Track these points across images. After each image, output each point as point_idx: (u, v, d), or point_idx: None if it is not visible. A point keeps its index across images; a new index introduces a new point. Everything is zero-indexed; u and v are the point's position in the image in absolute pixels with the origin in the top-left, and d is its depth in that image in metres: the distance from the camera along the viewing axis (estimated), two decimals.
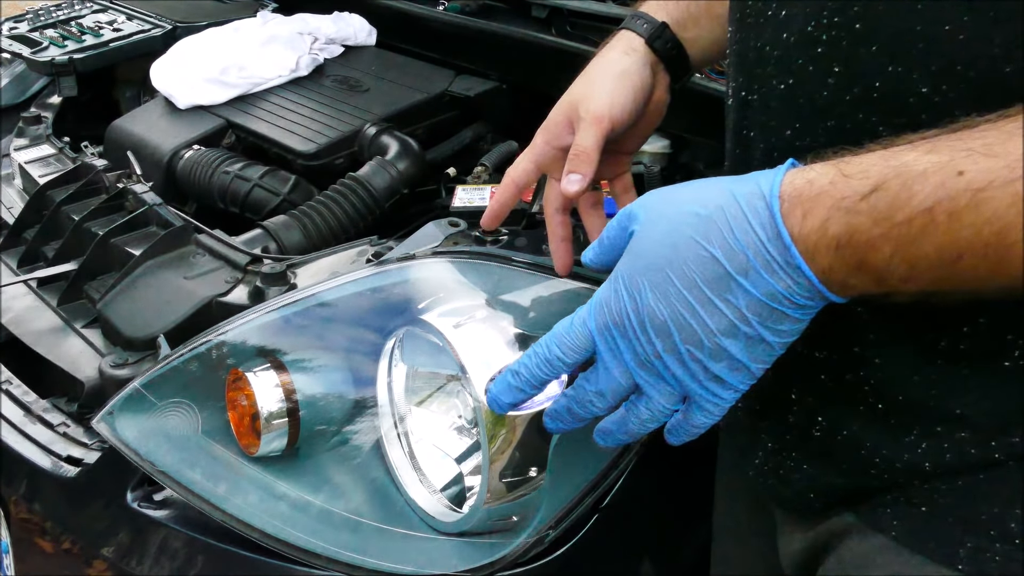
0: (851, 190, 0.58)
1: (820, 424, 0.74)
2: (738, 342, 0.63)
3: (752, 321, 0.62)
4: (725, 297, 0.62)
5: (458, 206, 1.44)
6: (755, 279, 0.61)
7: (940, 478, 0.69)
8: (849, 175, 0.58)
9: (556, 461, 0.95)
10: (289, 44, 1.84)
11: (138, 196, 1.43)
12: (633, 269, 0.66)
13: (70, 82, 1.86)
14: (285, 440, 1.03)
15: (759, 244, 0.60)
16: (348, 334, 1.07)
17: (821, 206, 0.59)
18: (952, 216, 0.54)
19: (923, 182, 0.55)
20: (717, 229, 0.62)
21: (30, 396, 1.28)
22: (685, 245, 0.63)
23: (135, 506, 1.09)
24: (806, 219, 0.59)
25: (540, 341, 0.73)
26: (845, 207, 0.58)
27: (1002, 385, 0.65)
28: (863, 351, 0.70)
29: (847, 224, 0.58)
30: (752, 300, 0.62)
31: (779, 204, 0.60)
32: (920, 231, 0.55)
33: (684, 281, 0.63)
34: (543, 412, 0.94)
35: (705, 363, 0.64)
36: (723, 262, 0.61)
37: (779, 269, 0.60)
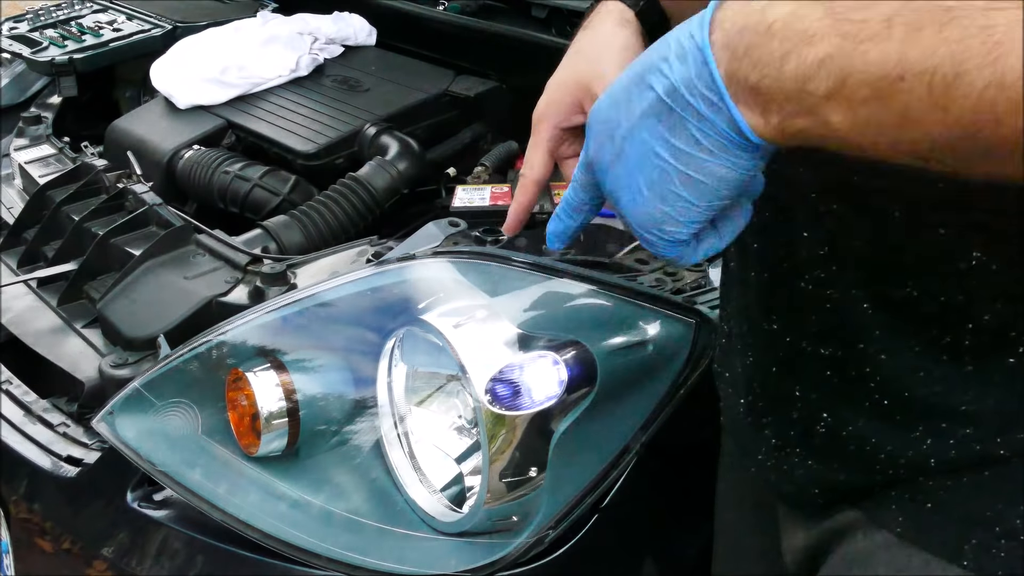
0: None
1: (824, 420, 0.74)
2: (637, 152, 0.59)
3: (652, 123, 0.58)
4: (642, 94, 0.58)
5: (458, 206, 1.44)
6: (664, 71, 0.57)
7: (944, 474, 0.69)
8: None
9: (556, 461, 0.95)
10: (289, 44, 1.84)
11: (138, 196, 1.43)
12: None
13: (70, 82, 1.86)
14: (285, 440, 1.03)
15: (687, 34, 0.56)
16: (348, 334, 1.07)
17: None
18: (911, 27, 0.49)
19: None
20: (651, 49, 0.59)
21: (30, 396, 1.28)
22: (644, 54, 0.60)
23: (135, 506, 1.09)
24: (742, 6, 0.54)
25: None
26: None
27: (1006, 382, 0.65)
28: (867, 347, 0.69)
29: (793, 10, 0.52)
30: (655, 97, 0.57)
31: (714, 8, 0.56)
32: (871, 34, 0.49)
33: (625, 76, 0.60)
34: (543, 412, 0.94)
35: (612, 167, 0.62)
36: (653, 57, 0.58)
37: (689, 55, 0.56)
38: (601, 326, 0.99)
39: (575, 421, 0.96)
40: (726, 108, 0.55)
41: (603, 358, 0.96)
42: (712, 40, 0.54)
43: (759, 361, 0.79)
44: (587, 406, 0.96)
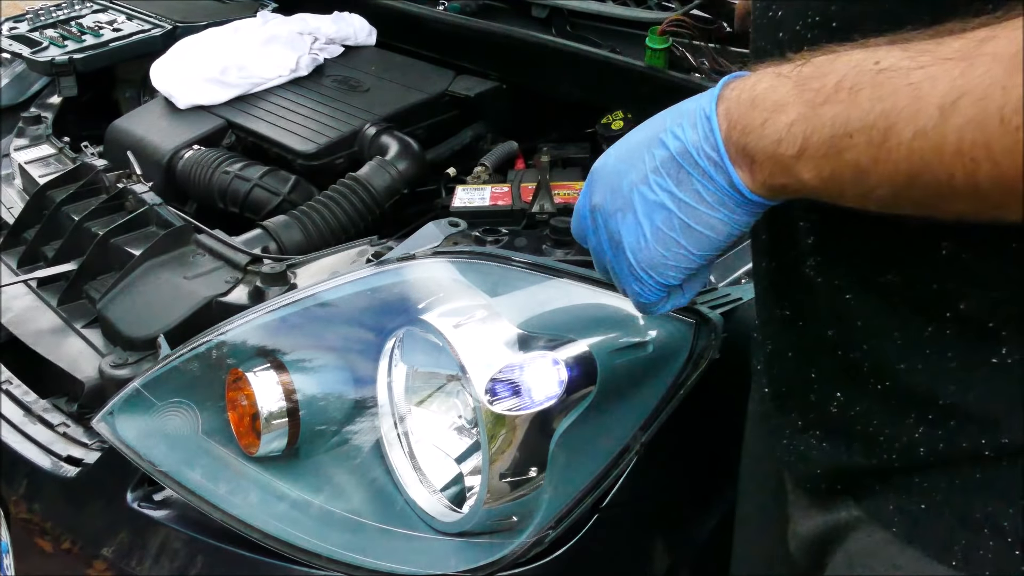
0: (789, 64, 0.62)
1: (837, 400, 0.75)
2: (644, 202, 0.69)
3: (662, 178, 0.67)
4: (652, 150, 0.68)
5: (458, 206, 1.44)
6: (676, 133, 0.67)
7: (937, 472, 0.70)
8: (794, 58, 0.63)
9: (556, 461, 0.96)
10: (289, 44, 1.84)
11: (138, 196, 1.43)
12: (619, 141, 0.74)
13: (70, 82, 1.86)
14: (285, 440, 1.03)
15: (697, 104, 0.66)
16: (348, 334, 1.07)
17: (760, 72, 0.64)
18: (853, 90, 0.57)
19: (844, 61, 0.59)
20: (680, 104, 0.69)
21: (30, 396, 1.28)
22: (657, 115, 0.71)
23: (135, 506, 1.09)
24: (743, 80, 0.65)
25: None
26: (778, 72, 0.62)
27: (989, 380, 0.66)
28: (856, 334, 0.72)
29: (771, 85, 0.62)
30: (666, 156, 0.67)
31: (723, 85, 0.66)
32: (824, 99, 0.58)
33: (633, 138, 0.71)
34: (543, 412, 0.94)
35: (618, 214, 0.70)
36: (665, 120, 0.68)
37: (698, 121, 0.65)
38: (601, 326, 0.99)
39: (575, 421, 0.96)
40: (725, 168, 0.64)
41: (603, 358, 0.96)
42: (718, 111, 0.65)
43: (777, 348, 0.81)
44: (587, 406, 0.96)
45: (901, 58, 0.56)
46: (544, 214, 1.39)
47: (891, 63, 0.56)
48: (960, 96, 0.53)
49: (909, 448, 0.70)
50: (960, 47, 0.54)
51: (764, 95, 0.62)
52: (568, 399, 0.95)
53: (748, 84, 0.63)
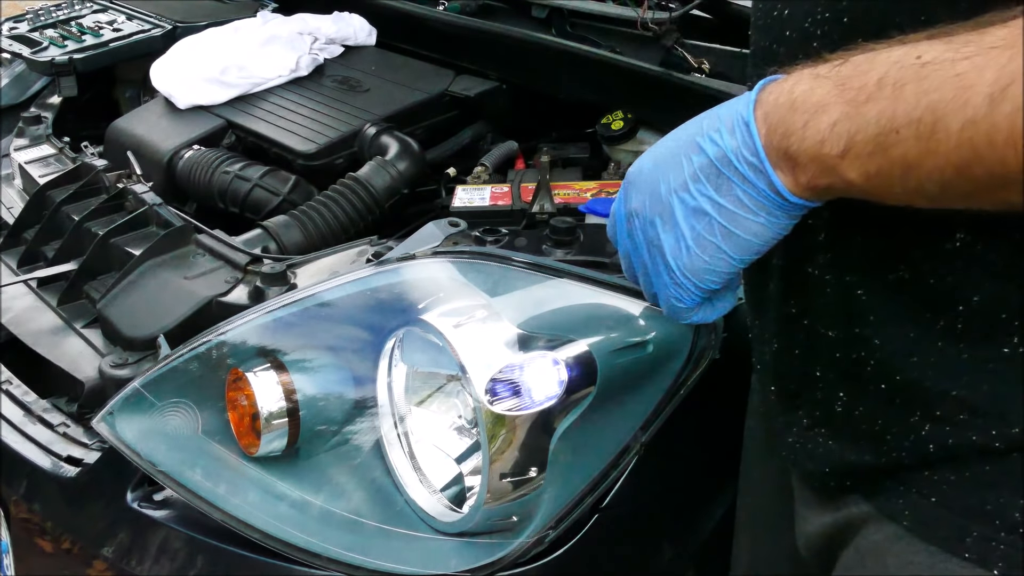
0: (826, 64, 0.62)
1: (841, 399, 0.76)
2: (683, 208, 0.68)
3: (702, 185, 0.67)
4: (690, 155, 0.68)
5: (458, 206, 1.44)
6: (714, 140, 0.67)
7: (946, 467, 0.70)
8: (830, 58, 0.63)
9: (556, 461, 0.95)
10: (289, 44, 1.84)
11: (138, 196, 1.43)
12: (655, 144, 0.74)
13: (70, 82, 1.86)
14: (285, 440, 1.03)
15: (734, 109, 0.66)
16: (348, 334, 1.07)
17: (797, 74, 0.64)
18: (896, 86, 0.57)
19: (885, 59, 0.59)
20: (716, 108, 0.68)
21: (30, 396, 1.28)
22: (692, 120, 0.71)
23: (135, 506, 1.09)
24: (780, 84, 0.64)
25: None
26: (815, 74, 0.62)
27: (1000, 371, 0.66)
28: (863, 331, 0.71)
29: (810, 87, 0.62)
30: (706, 161, 0.67)
31: (759, 89, 0.66)
32: (867, 97, 0.58)
33: (671, 141, 0.71)
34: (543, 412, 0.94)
35: (656, 220, 0.71)
36: (703, 124, 0.68)
37: (737, 127, 0.65)
38: (601, 326, 0.99)
39: (575, 421, 0.96)
40: (766, 172, 0.64)
41: (603, 358, 0.96)
42: (756, 116, 0.64)
43: (783, 346, 0.81)
44: (587, 406, 0.96)
45: (944, 51, 0.56)
46: (544, 214, 1.39)
47: (934, 56, 0.56)
48: (1010, 83, 0.53)
49: (917, 445, 0.70)
50: (1005, 35, 0.54)
51: (804, 97, 0.62)
52: (568, 399, 0.95)
53: (786, 87, 0.63)
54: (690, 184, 0.68)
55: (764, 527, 1.02)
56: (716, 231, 0.68)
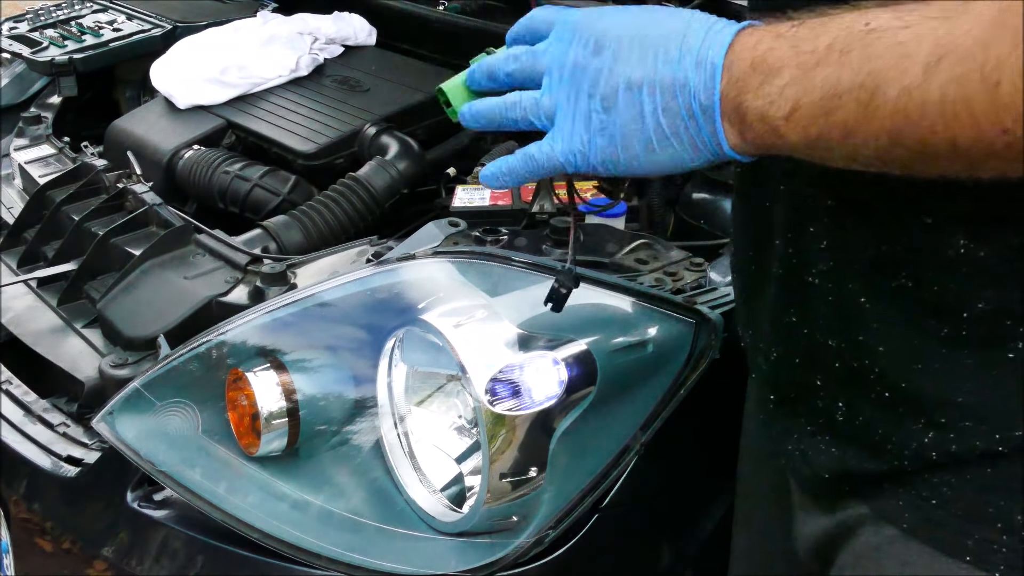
0: (786, 25, 0.63)
1: (841, 409, 0.75)
2: (628, 97, 0.67)
3: (655, 90, 0.65)
4: (656, 57, 0.66)
5: (458, 206, 1.44)
6: (684, 62, 0.65)
7: (948, 469, 0.70)
8: (796, 17, 0.63)
9: (556, 461, 0.96)
10: (289, 44, 1.84)
11: (138, 196, 1.43)
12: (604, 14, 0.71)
13: (70, 82, 1.86)
14: (285, 440, 1.03)
15: (714, 41, 0.64)
16: (348, 334, 1.07)
17: (764, 30, 0.64)
18: (843, 52, 0.58)
19: (837, 23, 0.60)
20: (708, 21, 0.66)
21: (30, 396, 1.28)
22: (671, 11, 0.69)
23: (135, 506, 1.09)
24: (749, 35, 0.64)
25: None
26: (777, 33, 0.63)
27: (1004, 376, 0.66)
28: (866, 339, 0.71)
29: (769, 47, 0.62)
30: (669, 74, 0.65)
31: (736, 32, 0.65)
32: (816, 62, 0.59)
33: (657, 21, 0.68)
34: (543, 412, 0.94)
35: (606, 87, 0.68)
36: (689, 31, 0.66)
37: (706, 63, 0.64)
38: (601, 326, 0.99)
39: (575, 421, 0.96)
40: (714, 120, 0.64)
41: (603, 358, 0.96)
42: (724, 61, 0.64)
43: (782, 354, 0.80)
44: (587, 406, 0.96)
45: (890, 19, 0.57)
46: (544, 214, 1.39)
47: (880, 24, 0.57)
48: (944, 55, 0.54)
49: (920, 451, 0.70)
50: (945, 6, 0.55)
51: (763, 56, 0.62)
52: (568, 399, 0.95)
53: (752, 42, 0.63)
54: (645, 84, 0.66)
55: (761, 530, 1.01)
56: (643, 138, 0.67)
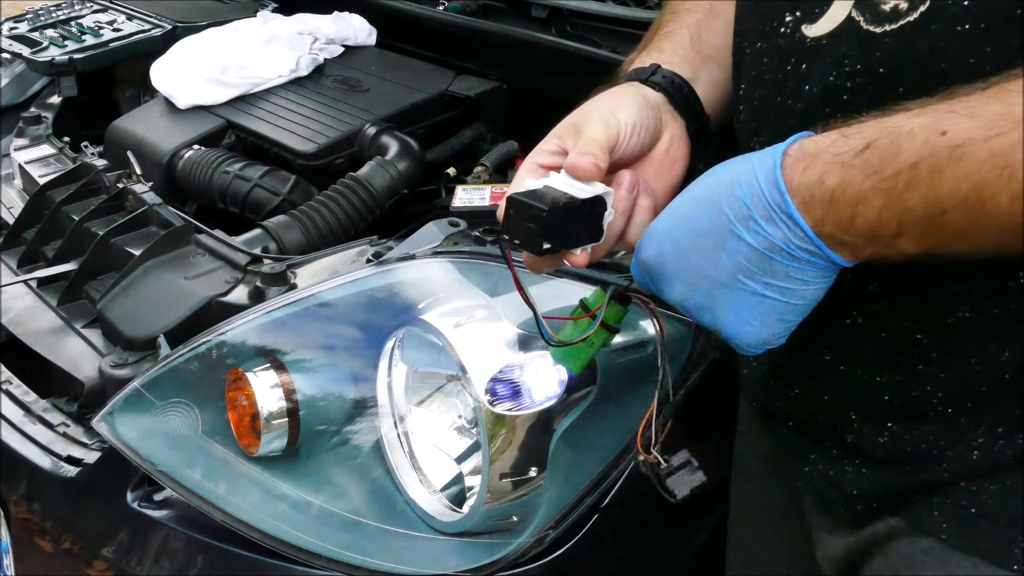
0: (847, 147, 0.62)
1: (890, 430, 0.75)
2: (737, 294, 0.67)
3: (752, 273, 0.66)
4: (726, 246, 0.66)
5: (458, 206, 1.44)
6: (754, 229, 0.65)
7: (987, 478, 0.70)
8: (847, 135, 0.63)
9: (556, 461, 0.96)
10: (289, 44, 1.84)
11: (138, 196, 1.43)
12: (657, 220, 0.73)
13: (70, 82, 1.86)
14: (285, 440, 1.03)
15: (760, 194, 0.65)
16: (348, 334, 1.07)
17: (820, 161, 0.63)
18: (934, 171, 0.58)
19: (910, 140, 0.59)
20: (728, 186, 0.67)
21: (30, 396, 1.28)
22: (701, 195, 0.69)
23: (135, 506, 1.09)
24: (805, 172, 0.63)
25: None
26: (841, 162, 0.62)
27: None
28: (926, 368, 0.71)
29: (841, 178, 0.62)
30: (751, 251, 0.65)
31: (781, 159, 0.65)
32: (906, 185, 0.59)
33: (692, 228, 0.69)
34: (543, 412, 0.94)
35: (712, 307, 0.69)
36: (727, 212, 0.66)
37: (776, 218, 0.64)
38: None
39: (575, 421, 0.96)
40: (824, 255, 0.64)
41: (603, 358, 0.96)
42: (796, 205, 0.64)
43: (807, 390, 0.80)
44: (587, 406, 0.96)
45: (971, 128, 0.57)
46: None
47: (964, 136, 0.57)
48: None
49: (962, 457, 0.70)
50: (1006, 100, 0.56)
51: (840, 190, 0.62)
52: (568, 399, 0.95)
53: (813, 176, 0.63)
54: (740, 275, 0.67)
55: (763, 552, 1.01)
56: (779, 308, 0.67)
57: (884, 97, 0.65)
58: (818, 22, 0.70)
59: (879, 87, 0.66)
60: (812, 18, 0.71)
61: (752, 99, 0.78)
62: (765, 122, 0.76)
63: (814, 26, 0.70)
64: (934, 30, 0.63)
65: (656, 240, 0.71)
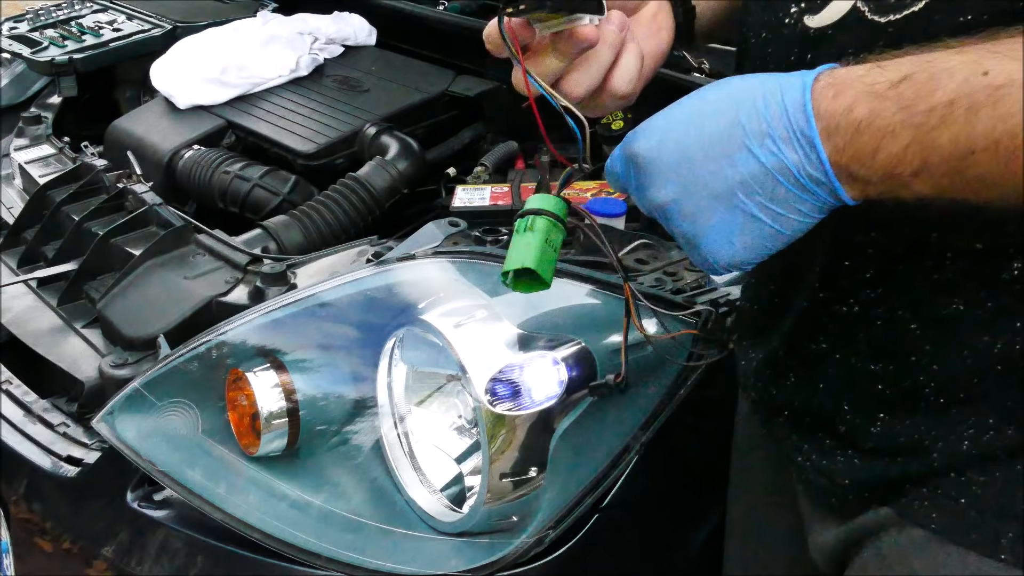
0: (883, 77, 0.60)
1: (882, 420, 0.75)
2: (729, 209, 0.65)
3: (753, 192, 0.64)
4: (734, 157, 0.64)
5: (458, 206, 1.44)
6: (768, 147, 0.63)
7: (975, 468, 0.70)
8: (883, 66, 0.61)
9: (556, 462, 0.95)
10: (289, 44, 1.84)
11: (138, 196, 1.43)
12: (660, 116, 0.69)
13: (70, 82, 1.86)
14: (285, 440, 1.03)
15: (782, 112, 0.62)
16: (348, 334, 1.07)
17: (852, 89, 0.61)
18: (970, 110, 0.57)
19: (949, 76, 0.58)
20: (750, 95, 0.64)
21: (30, 396, 1.28)
22: (716, 102, 0.66)
23: (135, 506, 1.09)
24: (835, 99, 0.61)
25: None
26: (874, 92, 0.60)
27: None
28: (919, 359, 0.71)
29: (871, 108, 0.60)
30: (759, 169, 0.63)
31: (812, 82, 0.62)
32: (939, 121, 0.58)
33: (701, 132, 0.66)
34: (543, 412, 0.94)
35: (700, 217, 0.67)
36: (744, 124, 0.64)
37: (794, 140, 0.62)
38: (601, 326, 0.99)
39: (575, 421, 0.96)
40: (832, 186, 0.62)
41: (603, 358, 0.96)
42: (818, 130, 0.62)
43: (804, 380, 0.80)
44: (587, 406, 0.96)
45: (1015, 69, 0.56)
46: None
47: (1006, 77, 0.56)
48: None
49: (952, 448, 0.71)
50: None
51: (868, 120, 0.60)
52: (568, 399, 0.95)
53: (842, 104, 0.61)
54: (739, 192, 0.65)
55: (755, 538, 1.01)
56: (765, 234, 0.65)
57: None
58: (822, 12, 0.70)
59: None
60: (815, 8, 0.70)
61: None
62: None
63: (818, 16, 0.70)
64: (937, 20, 0.63)
65: (657, 134, 0.68)
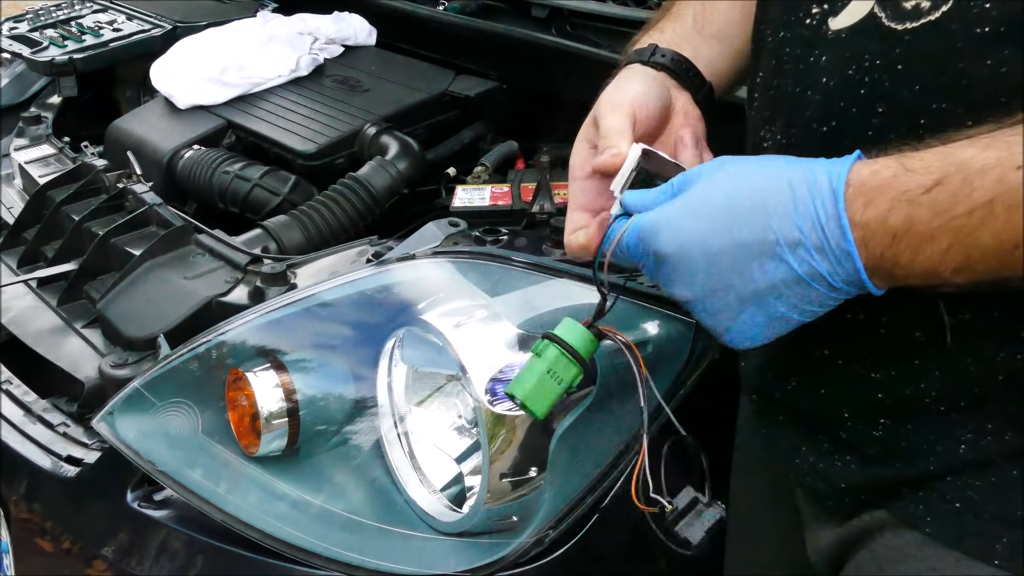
0: (914, 183, 0.60)
1: (883, 425, 0.75)
2: (758, 309, 0.66)
3: (784, 295, 0.65)
4: (765, 265, 0.65)
5: (458, 206, 1.44)
6: (802, 257, 0.63)
7: (971, 472, 0.70)
8: (912, 169, 0.61)
9: (556, 462, 0.96)
10: (289, 44, 1.84)
11: (138, 196, 1.43)
12: (683, 211, 0.69)
13: (70, 82, 1.86)
14: (285, 440, 1.03)
15: (816, 223, 0.63)
16: (348, 334, 1.07)
17: (883, 197, 0.61)
18: (1011, 208, 0.57)
19: (983, 177, 0.58)
20: (780, 200, 0.64)
21: (30, 396, 1.28)
22: (743, 203, 0.65)
23: (135, 506, 1.09)
24: (867, 208, 0.62)
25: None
26: (907, 199, 0.60)
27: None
28: (923, 363, 0.71)
29: (907, 215, 0.60)
30: (791, 276, 0.64)
31: (844, 189, 0.62)
32: (980, 223, 0.58)
33: (729, 237, 0.65)
34: None
35: (725, 314, 0.68)
36: (776, 232, 0.64)
37: (829, 251, 0.63)
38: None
39: (575, 421, 0.96)
40: (865, 287, 0.64)
41: (603, 358, 0.96)
42: (855, 239, 0.62)
43: (804, 384, 0.80)
44: (587, 406, 0.96)
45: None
46: (544, 214, 1.39)
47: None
48: None
49: (949, 452, 0.71)
50: None
51: (905, 227, 0.61)
52: (568, 399, 0.95)
53: (876, 213, 0.61)
54: (770, 296, 0.66)
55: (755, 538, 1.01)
56: (790, 324, 0.67)
57: (900, 93, 0.66)
58: (840, 15, 0.70)
59: (896, 83, 0.66)
60: (835, 11, 0.71)
61: (769, 87, 0.78)
62: (780, 111, 0.76)
63: (837, 19, 0.70)
64: (954, 30, 0.63)
65: (682, 235, 0.68)
